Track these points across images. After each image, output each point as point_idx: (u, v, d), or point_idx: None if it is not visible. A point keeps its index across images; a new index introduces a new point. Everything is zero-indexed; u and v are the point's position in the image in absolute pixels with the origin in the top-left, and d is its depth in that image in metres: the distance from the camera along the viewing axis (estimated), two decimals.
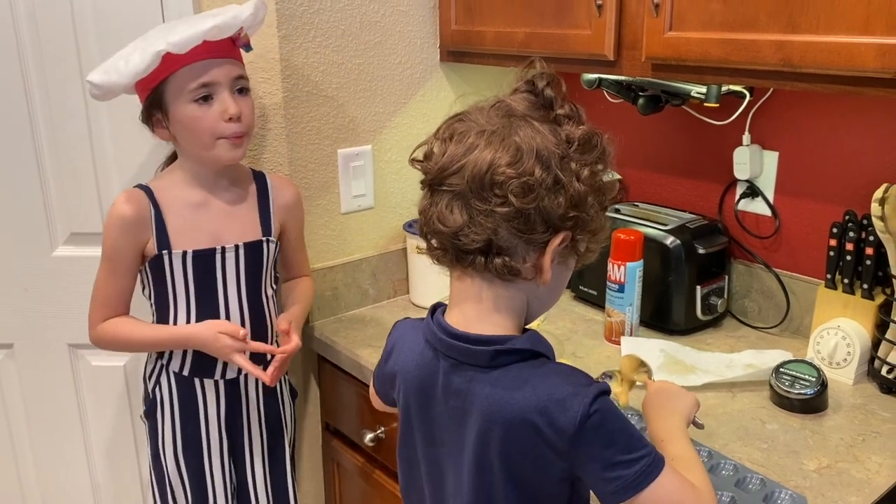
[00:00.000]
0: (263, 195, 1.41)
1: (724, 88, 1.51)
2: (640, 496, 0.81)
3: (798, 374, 1.29)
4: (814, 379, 1.28)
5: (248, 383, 1.42)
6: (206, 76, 1.24)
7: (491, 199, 0.80)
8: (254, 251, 1.37)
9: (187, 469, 1.40)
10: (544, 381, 0.84)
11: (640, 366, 1.21)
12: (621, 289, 1.51)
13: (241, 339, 1.30)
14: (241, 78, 1.30)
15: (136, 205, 1.30)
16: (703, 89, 1.51)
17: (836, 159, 1.48)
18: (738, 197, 1.64)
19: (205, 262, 1.33)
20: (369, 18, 1.64)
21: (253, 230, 1.38)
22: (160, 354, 1.39)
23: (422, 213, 0.87)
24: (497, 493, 0.87)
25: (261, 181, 1.42)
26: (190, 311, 1.34)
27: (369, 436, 1.54)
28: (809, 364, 1.30)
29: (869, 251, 1.35)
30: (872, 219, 1.31)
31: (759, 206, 1.61)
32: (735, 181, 1.63)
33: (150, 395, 1.41)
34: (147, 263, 1.33)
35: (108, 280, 1.33)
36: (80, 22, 1.45)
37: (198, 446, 1.40)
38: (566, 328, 1.62)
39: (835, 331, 1.39)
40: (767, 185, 1.59)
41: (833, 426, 1.24)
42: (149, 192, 1.32)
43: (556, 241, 0.83)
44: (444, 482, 0.94)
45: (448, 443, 0.92)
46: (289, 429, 1.51)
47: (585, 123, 0.86)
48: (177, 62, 1.22)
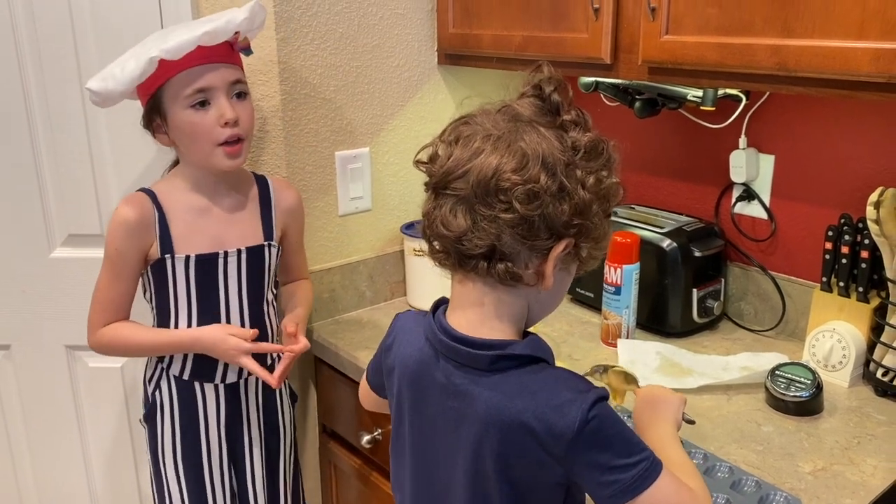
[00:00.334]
0: (265, 199, 1.41)
1: (720, 92, 1.51)
2: (637, 500, 0.81)
3: (794, 377, 1.30)
4: (809, 381, 1.28)
5: (248, 387, 1.42)
6: (202, 81, 1.24)
7: (495, 204, 0.80)
8: (256, 256, 1.37)
9: (186, 473, 1.40)
10: (543, 386, 0.84)
11: (625, 379, 1.21)
12: (618, 291, 1.52)
13: (249, 340, 1.30)
14: (239, 82, 1.29)
15: (140, 208, 1.30)
16: (700, 93, 1.52)
17: (831, 163, 1.49)
18: (734, 200, 1.64)
19: (207, 266, 1.33)
20: (367, 21, 1.64)
21: (255, 234, 1.38)
22: (160, 358, 1.39)
23: (425, 216, 0.87)
24: (492, 495, 0.87)
25: (262, 185, 1.42)
26: (191, 316, 1.34)
27: (366, 437, 1.54)
28: (805, 367, 1.31)
29: (864, 254, 1.35)
30: (868, 222, 1.31)
31: (755, 210, 1.62)
32: (731, 184, 1.64)
33: (150, 399, 1.41)
34: (149, 267, 1.33)
35: (111, 284, 1.33)
36: (79, 25, 1.45)
37: (197, 451, 1.40)
38: (563, 330, 1.62)
39: (830, 334, 1.39)
40: (763, 188, 1.60)
41: (828, 429, 1.25)
42: (152, 195, 1.32)
43: (559, 247, 0.83)
44: (435, 479, 0.94)
45: (442, 441, 0.92)
46: (288, 433, 1.51)
47: (592, 130, 0.85)
48: (172, 68, 1.22)
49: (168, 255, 1.31)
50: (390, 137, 1.75)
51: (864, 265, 1.36)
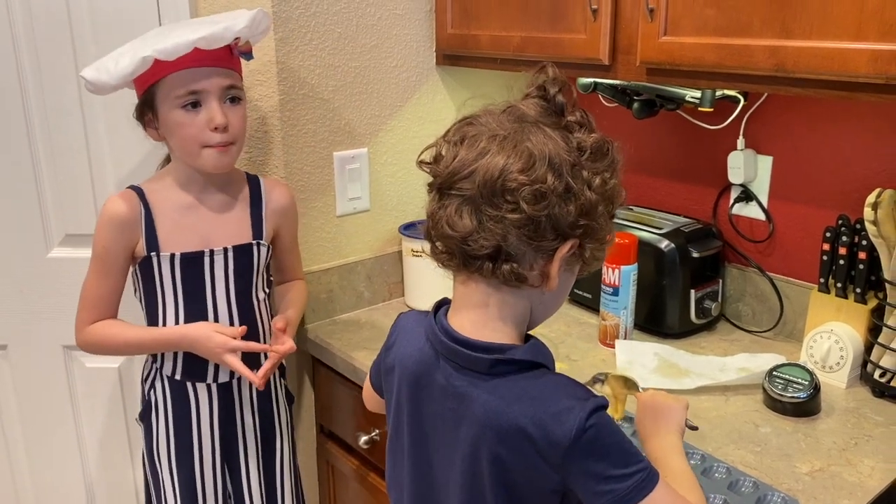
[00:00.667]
0: (256, 198, 1.40)
1: (718, 93, 1.51)
2: None
3: (791, 378, 1.30)
4: (807, 382, 1.28)
5: (241, 387, 1.42)
6: (195, 84, 1.23)
7: (502, 205, 0.80)
8: (243, 254, 1.36)
9: (179, 473, 1.39)
10: (542, 392, 0.83)
11: (625, 384, 1.20)
12: (616, 292, 1.52)
13: (237, 338, 1.30)
14: (233, 87, 1.28)
15: (127, 205, 1.30)
16: (698, 94, 1.52)
17: (829, 164, 1.49)
18: (732, 201, 1.64)
19: (193, 264, 1.33)
20: (366, 22, 1.64)
21: (243, 233, 1.37)
22: (154, 358, 1.39)
23: (429, 217, 0.87)
24: (487, 498, 0.87)
25: (254, 184, 1.41)
26: (178, 313, 1.34)
27: (364, 438, 1.54)
28: (802, 368, 1.31)
29: (862, 255, 1.36)
30: (865, 223, 1.31)
31: (753, 211, 1.62)
32: (729, 185, 1.64)
33: (146, 398, 1.41)
34: (137, 265, 1.33)
35: (98, 281, 1.33)
36: (77, 23, 1.45)
37: (190, 451, 1.39)
38: (560, 331, 1.62)
39: (828, 335, 1.39)
40: (761, 189, 1.60)
41: (826, 430, 1.25)
42: (140, 193, 1.32)
43: (565, 248, 0.83)
44: (433, 478, 0.94)
45: (440, 442, 0.92)
46: (285, 435, 1.50)
47: (596, 131, 0.85)
48: (167, 67, 1.22)
49: (154, 253, 1.31)
50: (389, 138, 1.75)
51: (861, 266, 1.36)
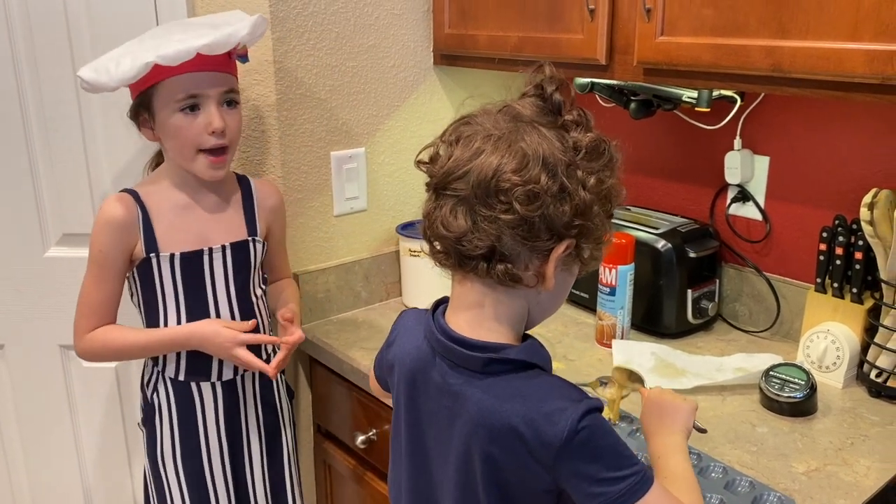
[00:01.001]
0: (248, 198, 1.41)
1: (715, 93, 1.51)
2: None
3: (788, 378, 1.30)
4: (803, 382, 1.28)
5: (244, 384, 1.41)
6: (195, 88, 1.24)
7: (496, 205, 0.80)
8: (241, 251, 1.37)
9: (186, 475, 1.38)
10: (535, 393, 0.83)
11: (629, 377, 1.20)
12: (612, 292, 1.52)
13: (249, 330, 1.31)
14: (232, 91, 1.29)
15: (123, 208, 1.30)
16: (695, 94, 1.52)
17: (825, 164, 1.49)
18: (729, 201, 1.65)
19: (192, 263, 1.33)
20: (363, 21, 1.64)
21: (239, 231, 1.38)
22: (155, 361, 1.38)
23: (426, 217, 0.87)
24: (480, 496, 0.87)
25: (245, 185, 1.42)
26: (180, 314, 1.34)
27: (361, 438, 1.54)
28: (799, 368, 1.31)
29: (858, 255, 1.36)
30: (862, 223, 1.32)
31: (749, 211, 1.62)
32: (726, 185, 1.64)
33: (148, 403, 1.39)
34: (135, 268, 1.33)
35: (96, 286, 1.32)
36: (74, 23, 1.45)
37: (197, 451, 1.39)
38: (557, 331, 1.62)
39: (824, 335, 1.39)
40: (758, 189, 1.60)
41: (822, 429, 1.25)
42: (136, 195, 1.32)
43: (560, 248, 0.83)
44: (430, 476, 0.95)
45: (436, 439, 0.92)
46: (287, 429, 1.50)
47: (593, 130, 0.85)
48: (166, 72, 1.22)
49: (153, 254, 1.30)
50: (386, 138, 1.75)
51: (858, 266, 1.36)
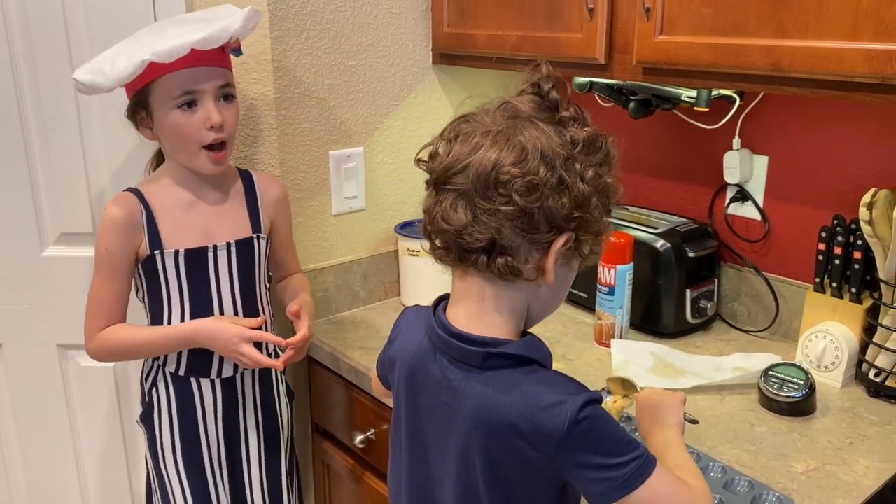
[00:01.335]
0: (251, 192, 1.41)
1: (714, 93, 1.51)
2: (630, 497, 0.81)
3: (786, 378, 1.30)
4: (802, 382, 1.28)
5: (244, 382, 1.41)
6: (192, 84, 1.24)
7: (495, 197, 0.81)
8: (245, 248, 1.37)
9: (187, 470, 1.38)
10: (534, 387, 0.84)
11: (623, 385, 1.20)
12: (611, 292, 1.52)
13: (256, 327, 1.31)
14: (228, 85, 1.29)
15: (126, 207, 1.30)
16: (694, 93, 1.52)
17: (824, 164, 1.49)
18: (728, 201, 1.64)
19: (197, 260, 1.33)
20: (362, 20, 1.64)
21: (243, 227, 1.38)
22: (156, 356, 1.38)
23: (426, 212, 0.88)
24: (481, 491, 0.87)
25: (247, 179, 1.42)
26: (184, 311, 1.34)
27: (359, 437, 1.54)
28: (798, 367, 1.31)
29: (857, 255, 1.36)
30: (861, 223, 1.32)
31: (748, 210, 1.62)
32: (725, 185, 1.64)
33: (147, 398, 1.39)
34: (140, 265, 1.32)
35: (105, 286, 1.32)
36: (72, 23, 1.45)
37: (197, 447, 1.39)
38: (556, 330, 1.62)
39: (823, 334, 1.39)
40: (757, 189, 1.60)
41: (821, 429, 1.25)
42: (138, 194, 1.32)
43: (560, 241, 0.84)
44: (429, 471, 0.95)
45: (436, 435, 0.92)
46: (285, 430, 1.50)
47: (590, 126, 0.86)
48: (162, 69, 1.21)
49: (157, 252, 1.30)
50: (385, 137, 1.75)
51: (856, 266, 1.36)
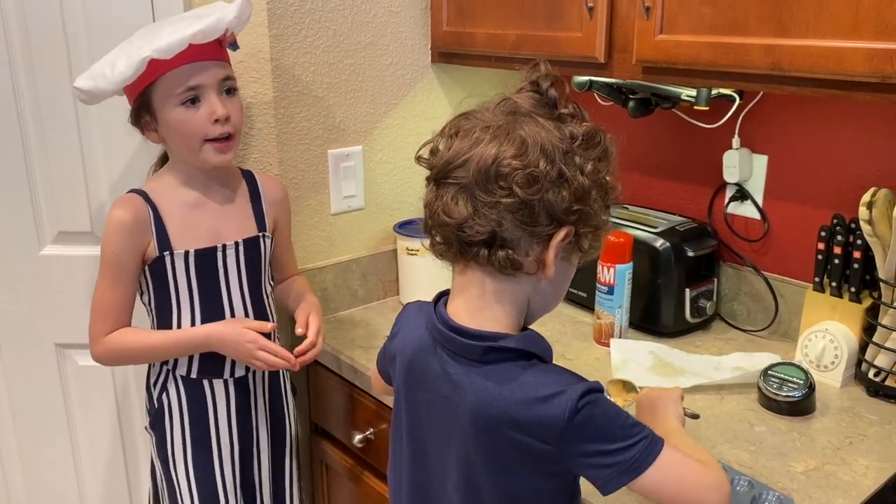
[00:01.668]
0: (254, 192, 1.40)
1: (713, 92, 1.51)
2: (640, 478, 0.81)
3: (786, 377, 1.30)
4: (801, 382, 1.28)
5: (255, 381, 1.41)
6: (193, 79, 1.23)
7: (496, 190, 0.82)
8: (252, 247, 1.37)
9: (196, 474, 1.37)
10: (533, 379, 0.84)
11: (624, 387, 1.20)
12: (611, 291, 1.52)
13: (268, 332, 1.30)
14: (229, 79, 1.29)
15: (133, 209, 1.28)
16: (693, 92, 1.52)
17: (824, 163, 1.49)
18: (727, 200, 1.64)
19: (207, 260, 1.32)
20: (361, 19, 1.64)
21: (249, 227, 1.38)
22: (165, 360, 1.36)
23: (427, 207, 0.89)
24: (482, 484, 0.88)
25: (250, 179, 1.42)
26: (194, 312, 1.33)
27: (358, 437, 1.54)
28: (797, 367, 1.31)
29: (857, 255, 1.36)
30: (860, 222, 1.31)
31: (748, 210, 1.62)
32: (724, 184, 1.64)
33: (157, 404, 1.37)
34: (147, 267, 1.31)
35: (111, 289, 1.30)
36: (70, 22, 1.44)
37: (208, 449, 1.37)
38: (555, 330, 1.62)
39: (822, 334, 1.39)
40: (757, 188, 1.60)
41: (820, 429, 1.25)
42: (144, 195, 1.31)
43: (560, 235, 0.84)
44: (430, 465, 0.95)
45: (437, 429, 0.93)
46: (291, 426, 1.50)
47: (589, 122, 0.87)
48: (163, 66, 1.21)
49: (167, 252, 1.29)
50: (384, 136, 1.75)
51: (856, 265, 1.36)
